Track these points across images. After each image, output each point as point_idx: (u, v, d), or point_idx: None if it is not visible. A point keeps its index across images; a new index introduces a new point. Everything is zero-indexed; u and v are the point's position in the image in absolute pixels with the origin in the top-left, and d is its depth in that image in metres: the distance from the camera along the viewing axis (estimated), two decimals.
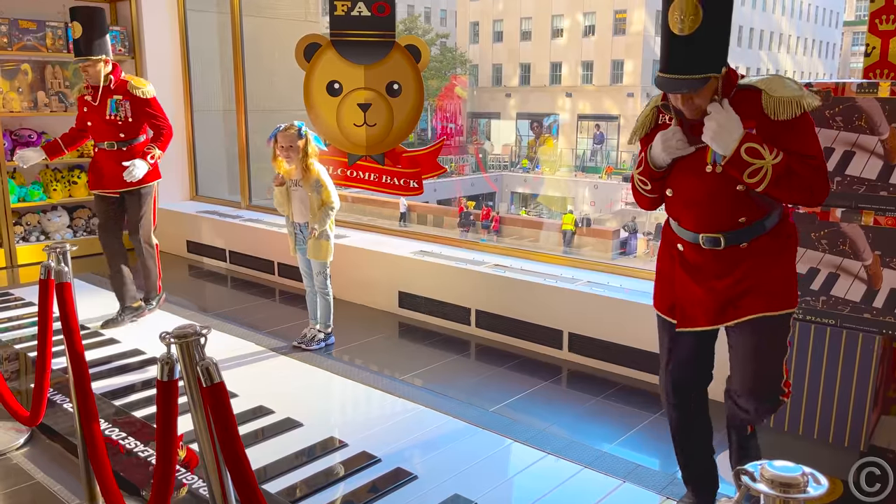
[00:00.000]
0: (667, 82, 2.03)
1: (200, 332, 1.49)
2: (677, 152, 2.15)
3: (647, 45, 35.60)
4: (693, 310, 2.25)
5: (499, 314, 4.30)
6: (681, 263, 2.26)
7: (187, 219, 6.51)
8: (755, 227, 2.14)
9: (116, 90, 4.43)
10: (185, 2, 6.84)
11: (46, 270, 2.30)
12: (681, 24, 1.95)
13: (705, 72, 1.98)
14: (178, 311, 4.87)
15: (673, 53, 2.00)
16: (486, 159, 35.30)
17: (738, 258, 2.16)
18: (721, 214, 2.13)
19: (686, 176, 2.18)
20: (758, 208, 2.13)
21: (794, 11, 43.53)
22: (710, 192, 2.12)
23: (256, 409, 3.33)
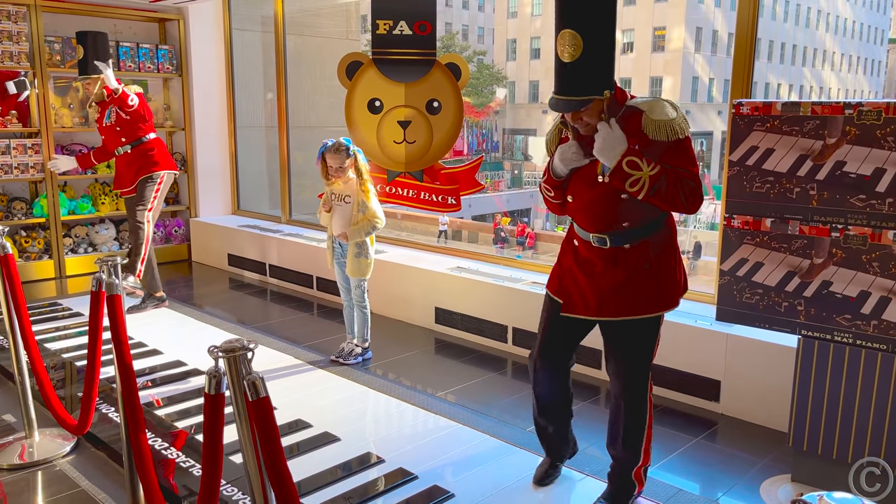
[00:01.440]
0: (555, 102, 2.31)
1: (248, 346, 1.51)
2: (573, 164, 2.43)
3: (687, 61, 35.32)
4: (577, 298, 2.54)
5: (535, 332, 4.26)
6: (574, 256, 2.57)
7: (229, 233, 6.63)
8: (637, 230, 2.43)
9: (110, 100, 4.91)
10: (230, 21, 7.01)
11: (98, 282, 2.36)
12: (565, 53, 2.24)
13: (587, 94, 2.26)
14: (219, 324, 4.94)
15: (560, 78, 2.29)
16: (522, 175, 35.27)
17: (620, 257, 2.45)
18: (608, 218, 2.43)
19: (581, 184, 2.47)
20: (639, 215, 2.41)
21: (839, 28, 42.82)
22: (599, 198, 2.42)
23: (294, 423, 3.35)
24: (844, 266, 2.69)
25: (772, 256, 2.85)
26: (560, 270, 2.64)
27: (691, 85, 36.00)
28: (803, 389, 2.82)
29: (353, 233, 4.00)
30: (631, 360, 2.54)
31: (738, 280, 2.93)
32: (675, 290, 2.52)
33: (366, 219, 3.99)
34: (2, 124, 5.93)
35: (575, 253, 2.57)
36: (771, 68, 39.00)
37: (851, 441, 2.73)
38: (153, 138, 5.07)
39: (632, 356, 2.53)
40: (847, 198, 2.67)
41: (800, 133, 2.75)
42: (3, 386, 3.82)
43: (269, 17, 6.62)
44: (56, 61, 6.14)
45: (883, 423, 2.65)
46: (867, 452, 2.69)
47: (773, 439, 3.23)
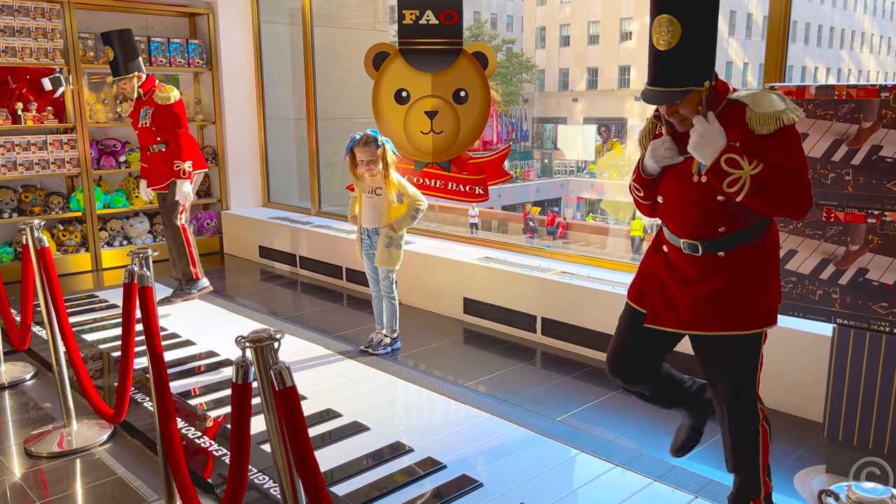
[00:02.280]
0: (648, 94, 2.15)
1: (275, 336, 1.53)
2: (665, 161, 2.26)
3: (720, 46, 34.50)
4: (664, 309, 2.35)
5: (565, 322, 4.25)
6: (663, 264, 2.37)
7: (259, 224, 6.70)
8: (734, 237, 2.21)
9: (147, 101, 4.90)
10: (259, 14, 7.06)
11: (130, 275, 2.41)
12: (661, 40, 2.09)
13: (684, 85, 2.09)
14: (250, 315, 5.01)
15: (655, 67, 2.13)
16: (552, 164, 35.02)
17: (714, 266, 2.24)
18: (701, 222, 2.23)
19: (674, 184, 2.29)
20: (738, 219, 2.20)
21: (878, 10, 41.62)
22: (692, 200, 2.23)
23: (325, 412, 3.39)
24: (881, 253, 2.62)
25: (806, 244, 2.79)
26: (644, 277, 2.44)
27: (725, 70, 35.30)
28: (838, 379, 2.76)
29: (399, 222, 4.02)
30: (733, 382, 2.30)
31: None
32: (775, 304, 2.29)
33: (407, 205, 4.01)
34: (38, 120, 6.06)
35: (664, 259, 2.37)
36: (808, 52, 38.06)
37: (888, 432, 2.67)
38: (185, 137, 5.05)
39: (734, 377, 2.29)
40: (883, 183, 2.60)
41: (834, 117, 2.68)
42: (43, 376, 3.93)
43: (297, 9, 6.65)
44: (90, 57, 6.25)
45: None
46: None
47: (808, 429, 3.18)
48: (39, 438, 3.15)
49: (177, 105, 4.90)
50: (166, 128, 4.91)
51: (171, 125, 4.89)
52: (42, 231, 3.21)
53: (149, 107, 4.91)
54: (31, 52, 5.95)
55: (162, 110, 4.87)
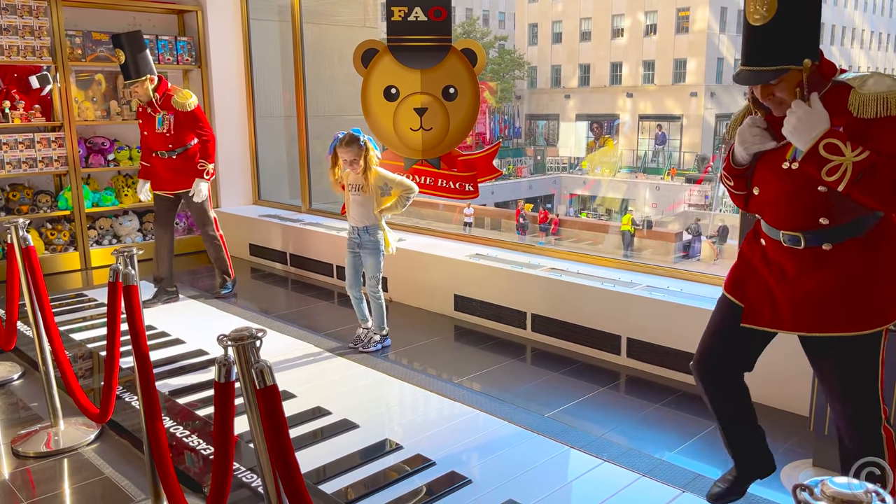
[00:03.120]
0: (741, 74, 2.00)
1: (256, 334, 1.52)
2: (754, 147, 2.10)
3: (711, 43, 34.70)
4: (762, 307, 2.18)
5: (555, 318, 4.25)
6: (762, 258, 2.21)
7: (250, 222, 6.68)
8: (841, 229, 2.02)
9: (163, 105, 4.89)
10: (248, 11, 7.03)
11: (115, 273, 2.39)
12: (755, 14, 1.93)
13: (780, 63, 1.93)
14: (240, 313, 4.99)
15: (748, 44, 1.97)
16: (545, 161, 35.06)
17: (820, 261, 2.06)
18: (800, 213, 2.05)
19: (768, 173, 2.12)
20: (843, 211, 2.00)
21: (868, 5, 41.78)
22: (788, 189, 2.06)
23: (315, 410, 3.38)
24: None
25: None
26: (743, 271, 2.27)
27: (716, 66, 35.38)
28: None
29: (390, 209, 4.05)
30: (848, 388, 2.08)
31: None
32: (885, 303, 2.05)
33: (397, 194, 4.02)
34: (26, 118, 6.02)
35: (763, 255, 2.20)
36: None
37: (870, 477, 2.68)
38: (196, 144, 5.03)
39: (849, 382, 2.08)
40: None
41: None
42: (31, 376, 3.91)
43: (287, 6, 6.62)
44: (77, 55, 6.21)
45: None
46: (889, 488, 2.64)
47: (794, 424, 3.19)
48: (26, 438, 3.13)
49: (198, 109, 4.93)
50: (185, 135, 4.92)
51: (201, 129, 4.94)
52: (29, 230, 3.19)
53: (167, 112, 4.89)
54: (18, 49, 5.91)
55: (183, 117, 4.89)
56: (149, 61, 4.87)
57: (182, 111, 4.86)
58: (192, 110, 4.88)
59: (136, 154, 6.64)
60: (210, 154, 4.98)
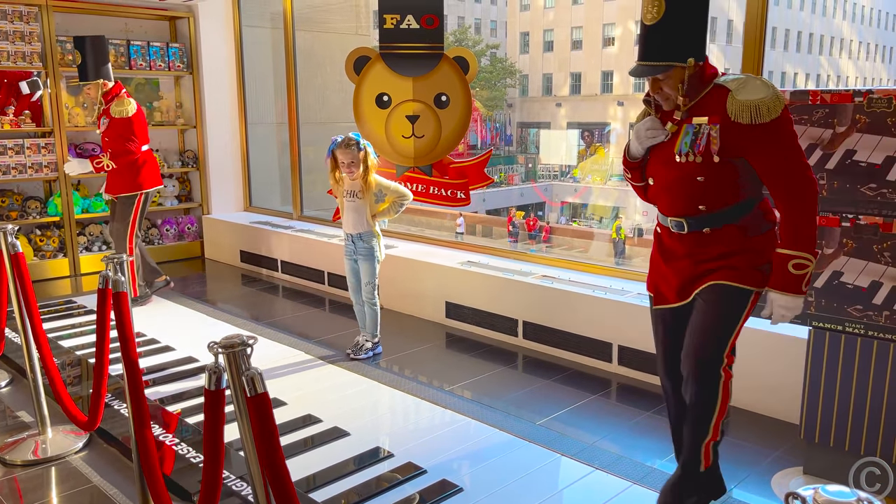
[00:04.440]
0: (633, 68, 2.21)
1: (247, 342, 1.52)
2: (648, 141, 2.32)
3: None
4: (664, 288, 2.44)
5: (546, 325, 4.26)
6: (658, 245, 2.46)
7: (241, 229, 6.66)
8: (717, 216, 2.26)
9: (105, 110, 4.94)
10: (240, 18, 7.03)
11: (104, 280, 2.38)
12: (647, 14, 2.14)
13: (666, 60, 2.14)
14: (231, 320, 4.97)
15: (641, 41, 2.20)
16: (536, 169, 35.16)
17: (701, 243, 2.30)
18: (684, 201, 2.29)
19: (658, 164, 2.35)
20: (717, 198, 2.25)
21: (856, 16, 42.21)
22: (674, 179, 2.29)
23: (305, 418, 3.36)
24: (855, 256, 2.65)
25: None
26: (650, 263, 2.52)
27: None
28: (814, 381, 2.79)
29: (382, 214, 4.06)
30: (706, 327, 2.30)
31: None
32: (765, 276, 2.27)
33: (390, 200, 4.03)
34: (16, 124, 5.99)
35: (659, 241, 2.45)
36: (787, 57, 38.52)
37: (864, 433, 2.69)
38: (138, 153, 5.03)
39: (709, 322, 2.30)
40: (857, 187, 2.63)
41: (809, 122, 2.71)
42: (19, 383, 3.87)
43: (279, 13, 6.63)
44: (68, 61, 6.19)
45: (895, 415, 2.61)
46: (880, 444, 2.66)
47: (785, 431, 3.20)
48: (14, 446, 3.10)
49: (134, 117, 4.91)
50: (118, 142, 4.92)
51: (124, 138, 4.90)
52: (18, 236, 3.17)
53: (105, 117, 4.95)
54: (9, 55, 5.88)
55: (116, 124, 4.89)
56: (106, 67, 4.92)
57: (116, 118, 4.87)
58: (127, 118, 4.87)
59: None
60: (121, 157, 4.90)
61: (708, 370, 2.31)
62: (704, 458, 2.43)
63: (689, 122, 2.23)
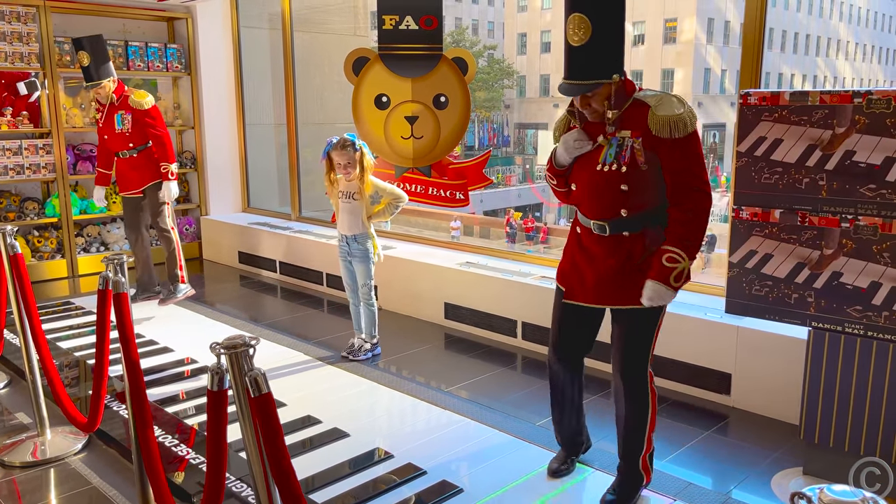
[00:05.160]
0: (564, 87, 2.35)
1: (249, 342, 1.51)
2: (576, 152, 2.48)
3: (699, 53, 35.02)
4: (579, 286, 2.59)
5: (546, 327, 4.25)
6: (577, 244, 2.61)
7: (239, 230, 6.66)
8: (636, 219, 2.44)
9: (120, 105, 4.90)
10: (238, 19, 7.03)
11: (104, 281, 2.37)
12: (574, 37, 2.28)
13: (595, 78, 2.30)
14: (230, 321, 4.97)
15: (569, 61, 2.33)
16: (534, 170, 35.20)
17: (621, 244, 2.47)
18: (607, 206, 2.46)
19: (584, 172, 2.50)
20: (637, 204, 2.42)
21: (853, 17, 42.32)
22: (599, 186, 2.45)
23: (305, 419, 3.36)
24: (854, 257, 2.66)
25: (781, 248, 2.82)
26: (565, 258, 2.69)
27: (703, 76, 35.74)
28: (814, 382, 2.79)
29: (378, 216, 4.06)
30: (629, 349, 2.55)
31: (748, 272, 2.91)
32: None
33: (386, 202, 4.04)
34: (13, 125, 5.98)
35: (578, 240, 2.61)
36: (784, 58, 38.62)
37: (863, 434, 2.70)
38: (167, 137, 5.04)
39: (630, 344, 2.55)
40: (857, 188, 2.63)
41: (808, 123, 2.71)
42: (17, 384, 3.86)
43: (277, 14, 6.62)
44: (66, 62, 6.18)
45: (895, 415, 2.61)
46: (879, 445, 2.66)
47: (785, 432, 3.20)
48: (13, 448, 3.09)
49: (153, 109, 4.94)
50: (143, 134, 4.92)
51: (153, 128, 4.92)
52: (16, 237, 3.17)
53: (124, 112, 4.91)
54: (7, 56, 5.87)
55: (139, 115, 4.89)
56: (109, 64, 4.89)
57: (139, 109, 4.87)
58: (148, 109, 4.89)
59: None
60: (168, 153, 4.92)
61: (636, 385, 2.56)
62: (646, 473, 2.65)
63: (613, 134, 2.41)
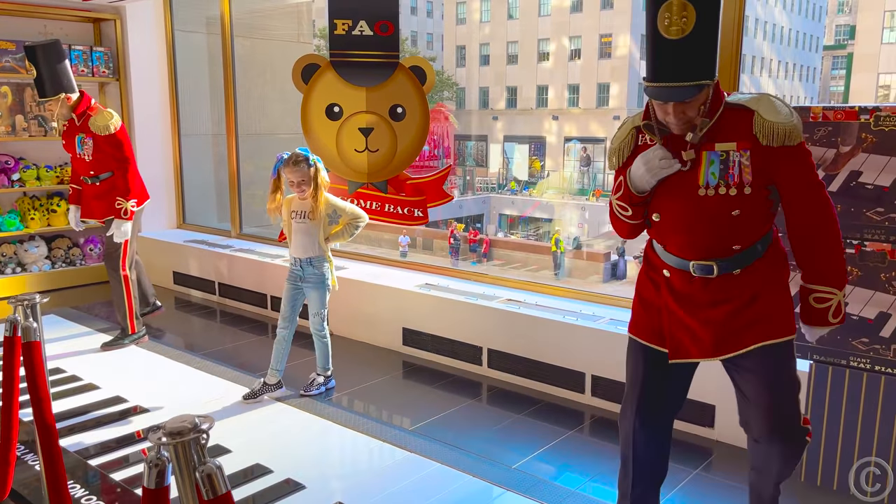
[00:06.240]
0: (660, 91, 1.89)
1: (200, 426, 1.16)
2: (662, 172, 2.00)
3: (633, 68, 35.77)
4: (687, 341, 2.11)
5: (513, 354, 3.98)
6: (669, 291, 2.12)
7: (174, 248, 6.16)
8: (748, 253, 2.02)
9: (81, 127, 4.33)
10: (172, 22, 6.55)
11: (12, 326, 1.95)
12: (672, 28, 1.84)
13: (699, 79, 1.86)
14: (164, 351, 4.50)
15: (663, 59, 1.87)
16: (474, 181, 35.19)
17: (730, 286, 2.04)
18: (715, 241, 2.00)
19: (675, 199, 2.03)
20: (753, 233, 2.01)
21: (776, 36, 44.05)
22: (702, 216, 1.99)
23: (253, 469, 2.98)
24: (861, 285, 2.47)
25: None
26: (649, 311, 2.19)
27: (637, 91, 36.52)
28: (816, 420, 2.59)
29: (335, 237, 3.69)
30: (777, 389, 2.06)
31: None
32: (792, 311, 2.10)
33: (344, 222, 3.69)
34: None
35: (669, 287, 2.12)
36: None
37: (870, 476, 2.51)
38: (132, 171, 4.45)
39: (778, 384, 2.07)
40: (863, 211, 2.45)
41: (810, 140, 2.52)
42: None
43: (215, 18, 6.19)
44: None
45: None
46: (889, 488, 2.47)
47: None
48: None
49: (119, 133, 4.32)
50: (107, 161, 4.34)
51: (114, 158, 4.32)
52: None
53: (85, 135, 4.31)
54: None
55: (101, 141, 4.29)
56: (66, 76, 4.30)
57: (99, 135, 4.27)
58: (112, 135, 4.28)
59: (45, 174, 6.07)
60: (129, 187, 4.35)
61: (792, 425, 2.09)
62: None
63: (710, 148, 1.95)
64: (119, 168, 4.35)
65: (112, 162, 4.35)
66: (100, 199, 4.44)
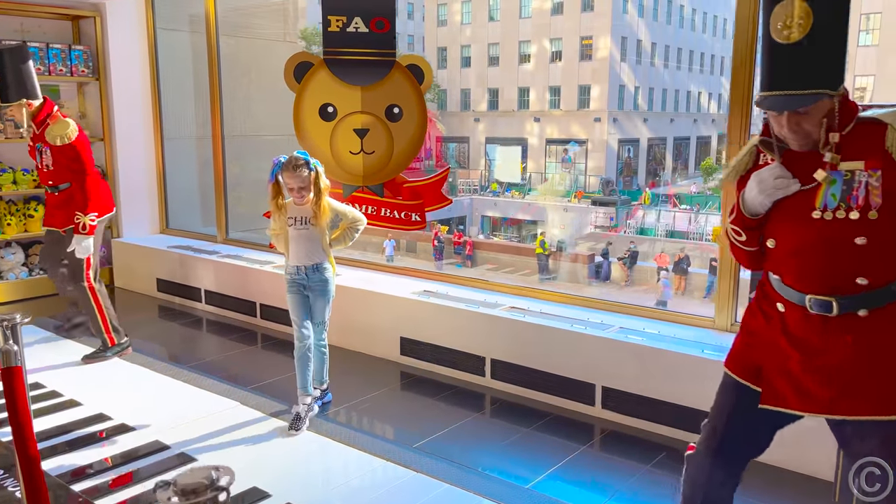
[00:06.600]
0: (770, 101, 1.71)
1: (219, 482, 0.98)
2: (777, 193, 1.79)
3: (613, 70, 35.88)
4: (785, 387, 1.85)
5: (518, 364, 3.81)
6: (781, 328, 1.87)
7: (157, 254, 5.93)
8: (882, 292, 1.74)
9: (40, 136, 4.15)
10: (154, 20, 6.32)
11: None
12: (785, 29, 1.67)
13: (818, 87, 1.67)
14: (149, 363, 4.27)
15: (778, 65, 1.70)
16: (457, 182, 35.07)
17: (854, 330, 1.76)
18: (834, 272, 1.76)
19: (790, 223, 1.81)
20: (885, 268, 1.73)
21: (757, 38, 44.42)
22: (819, 243, 1.76)
23: (250, 493, 2.78)
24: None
25: None
26: (751, 344, 1.96)
27: (618, 93, 36.67)
28: None
29: (336, 243, 3.51)
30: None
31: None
32: None
33: (344, 227, 3.50)
34: None
35: (782, 323, 1.87)
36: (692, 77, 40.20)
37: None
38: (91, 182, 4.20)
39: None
40: None
41: None
42: None
43: (199, 15, 5.97)
44: None
45: None
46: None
47: (814, 490, 2.83)
48: None
49: (77, 143, 4.08)
50: (64, 172, 4.13)
51: (69, 169, 4.11)
52: None
53: (43, 144, 4.11)
54: None
55: (56, 152, 4.08)
56: (30, 82, 4.10)
57: (54, 146, 4.06)
58: (66, 145, 4.06)
59: (21, 177, 5.82)
60: (87, 201, 4.09)
61: None
62: None
63: (834, 167, 1.75)
64: (76, 179, 4.13)
65: (68, 173, 4.15)
66: (59, 209, 4.28)
